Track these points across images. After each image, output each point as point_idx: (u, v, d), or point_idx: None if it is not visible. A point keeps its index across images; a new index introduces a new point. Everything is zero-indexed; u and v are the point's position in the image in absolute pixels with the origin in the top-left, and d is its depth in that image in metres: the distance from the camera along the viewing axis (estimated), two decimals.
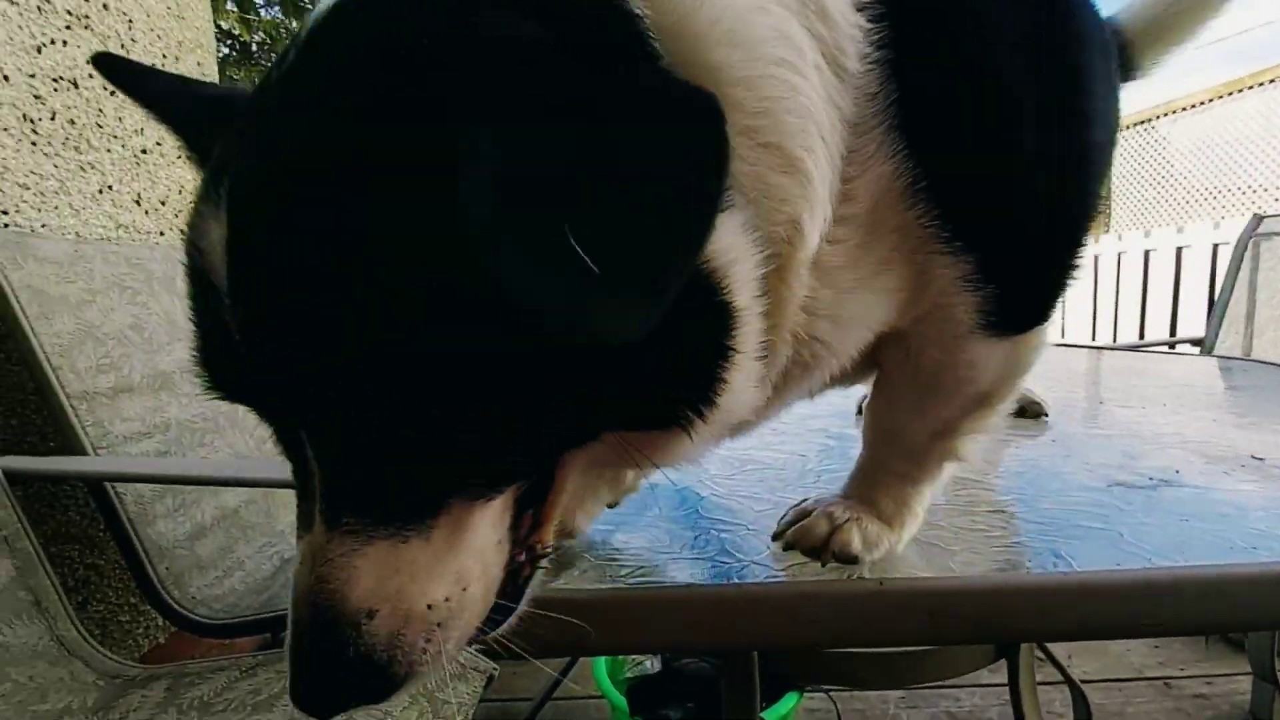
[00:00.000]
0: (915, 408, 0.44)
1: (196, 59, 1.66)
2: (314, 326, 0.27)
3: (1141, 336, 3.74)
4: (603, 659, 1.22)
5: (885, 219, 0.36)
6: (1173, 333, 3.47)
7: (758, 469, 0.64)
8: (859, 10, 0.33)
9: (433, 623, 0.31)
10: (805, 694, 1.33)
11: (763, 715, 0.95)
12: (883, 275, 0.37)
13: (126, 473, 1.07)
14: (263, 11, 8.10)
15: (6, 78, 1.16)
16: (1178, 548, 0.43)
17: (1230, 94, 4.78)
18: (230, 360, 0.30)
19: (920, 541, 0.46)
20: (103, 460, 1.08)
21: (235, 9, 7.34)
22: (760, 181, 0.31)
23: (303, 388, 0.28)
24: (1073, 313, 4.29)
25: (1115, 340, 3.87)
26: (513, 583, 0.36)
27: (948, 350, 0.41)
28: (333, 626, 0.30)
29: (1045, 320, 0.43)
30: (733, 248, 0.30)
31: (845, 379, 0.47)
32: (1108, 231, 4.83)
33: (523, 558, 0.36)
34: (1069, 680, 1.33)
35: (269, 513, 1.43)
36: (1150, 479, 0.59)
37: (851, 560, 0.41)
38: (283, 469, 0.34)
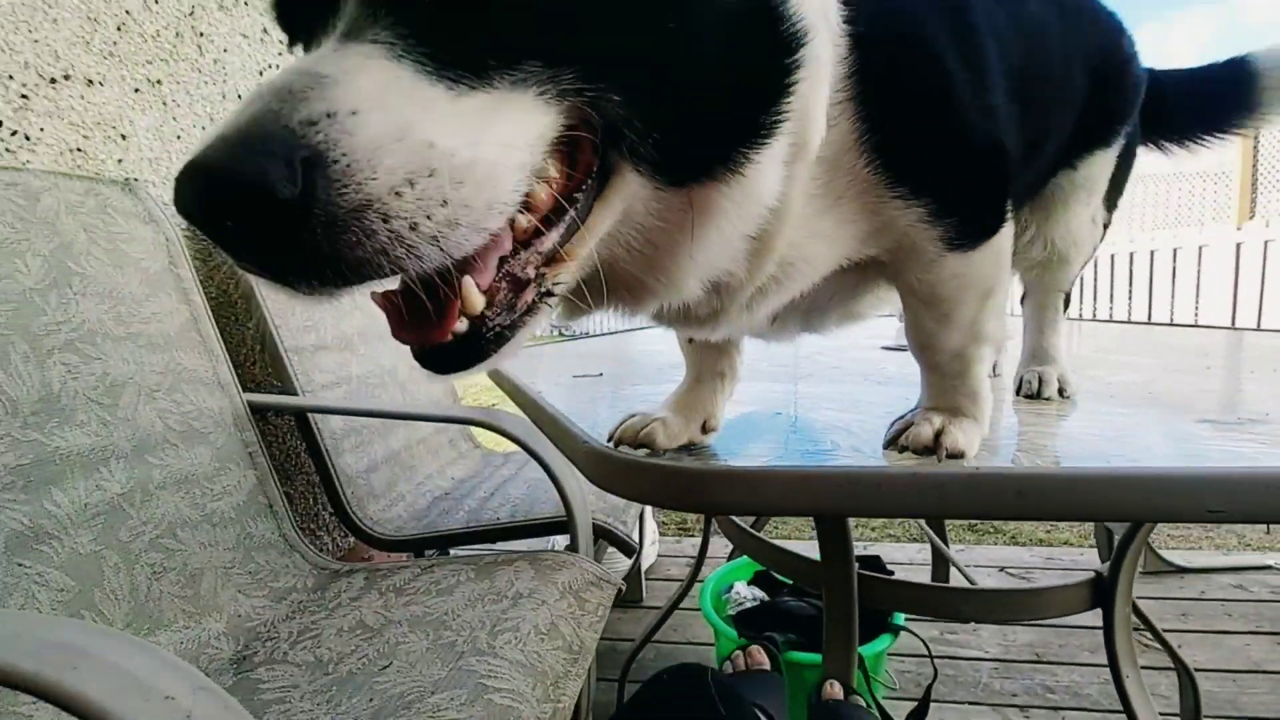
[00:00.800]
0: (935, 319, 0.53)
1: None
2: None
3: None
4: (709, 594, 1.35)
5: (844, 164, 0.45)
6: None
7: (865, 404, 0.75)
8: (841, 14, 0.44)
9: (439, 173, 0.27)
10: (901, 652, 1.41)
11: (859, 652, 1.05)
12: (841, 207, 0.47)
13: (329, 407, 1.32)
14: None
15: (241, 96, 1.46)
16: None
17: None
18: None
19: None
20: (311, 399, 1.34)
21: None
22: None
23: None
24: (1208, 299, 3.96)
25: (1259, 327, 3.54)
26: (513, 294, 0.35)
27: (930, 270, 0.50)
28: (280, 118, 0.25)
29: (999, 228, 0.51)
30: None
31: (843, 307, 0.58)
32: (1253, 218, 4.38)
33: (531, 273, 0.35)
34: (1177, 661, 1.32)
35: (422, 456, 1.68)
36: (1239, 419, 0.65)
37: (959, 455, 0.47)
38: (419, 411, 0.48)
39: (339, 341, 1.51)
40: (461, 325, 0.33)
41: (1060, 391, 0.71)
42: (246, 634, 0.97)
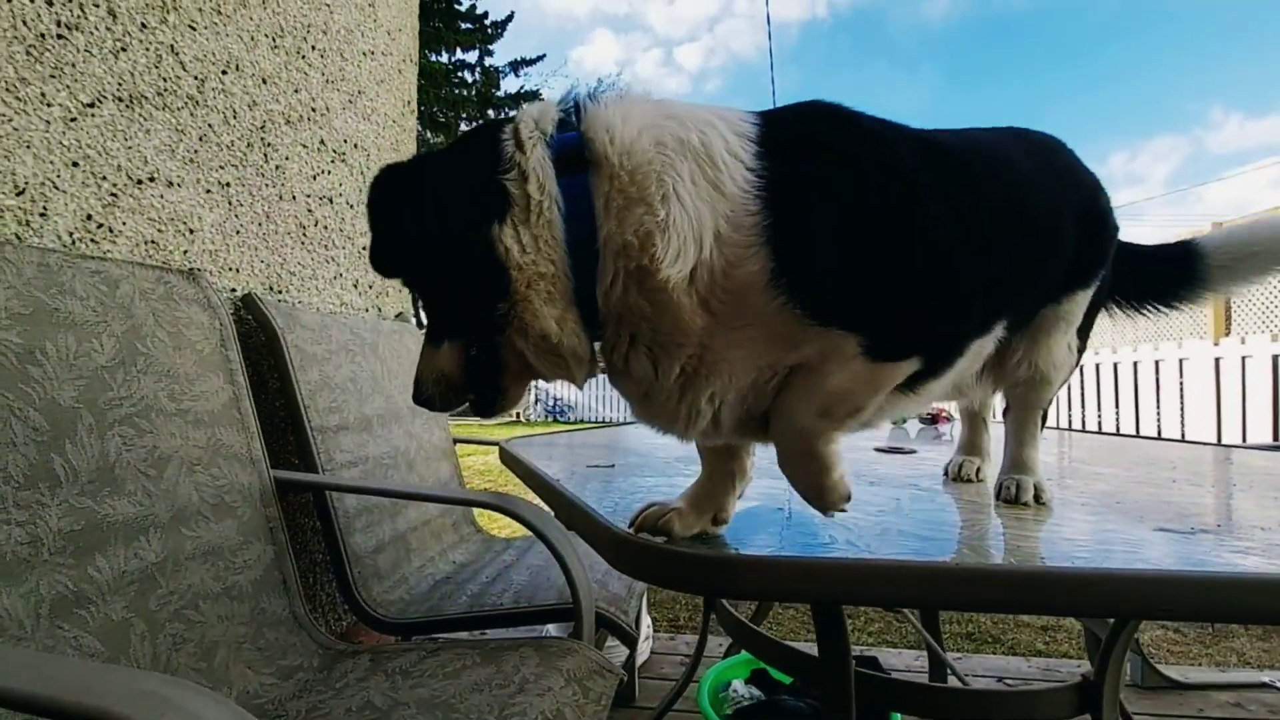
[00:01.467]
0: (802, 397, 0.59)
1: None
2: None
3: (1276, 438, 3.50)
4: (706, 691, 1.35)
5: (753, 297, 0.55)
6: None
7: (858, 503, 0.83)
8: (750, 170, 0.55)
9: (444, 378, 0.62)
10: None
11: None
12: (751, 329, 0.56)
13: (353, 485, 1.38)
14: None
15: (294, 197, 1.62)
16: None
17: None
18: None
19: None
20: (330, 477, 1.40)
21: None
22: (623, 210, 0.54)
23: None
24: (1194, 414, 4.07)
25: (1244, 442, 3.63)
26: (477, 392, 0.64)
27: (845, 367, 0.57)
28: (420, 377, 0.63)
29: (908, 355, 0.58)
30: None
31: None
32: (1228, 334, 4.59)
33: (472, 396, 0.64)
34: None
35: (426, 539, 1.71)
36: (1192, 529, 0.72)
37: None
38: (435, 492, 0.58)
39: (360, 423, 1.59)
40: None
41: (1036, 498, 0.79)
42: (255, 710, 0.98)
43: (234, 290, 1.45)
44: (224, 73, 1.42)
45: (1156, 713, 1.76)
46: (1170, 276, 0.91)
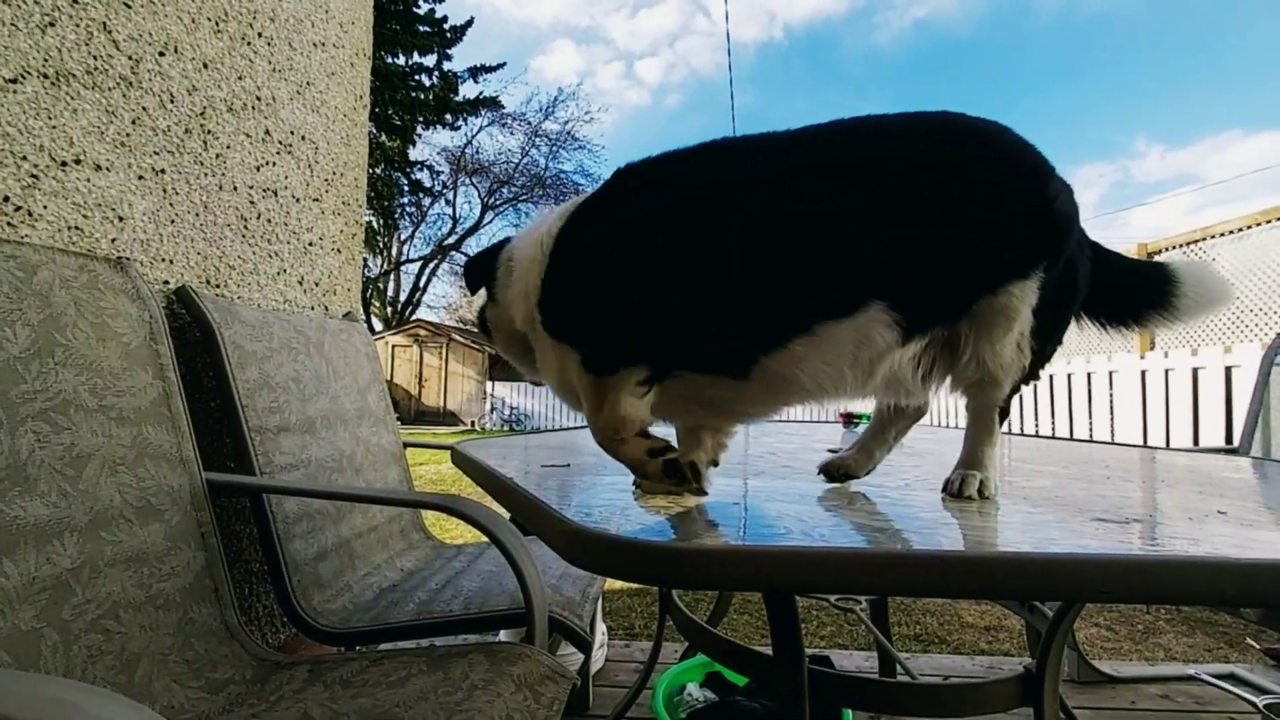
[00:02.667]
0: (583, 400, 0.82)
1: (355, 174, 2.09)
2: None
3: (1195, 442, 3.74)
4: (661, 695, 1.34)
5: (537, 324, 0.79)
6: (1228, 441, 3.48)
7: (811, 498, 0.83)
8: (549, 242, 0.79)
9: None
10: None
11: None
12: (546, 344, 0.80)
13: (292, 488, 1.31)
14: None
15: (236, 188, 1.55)
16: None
17: (1271, 220, 4.92)
18: None
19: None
20: (267, 479, 1.33)
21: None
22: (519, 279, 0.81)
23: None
24: (1123, 421, 4.31)
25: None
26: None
27: (579, 379, 0.79)
28: None
29: (613, 369, 0.76)
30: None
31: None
32: (1152, 348, 4.88)
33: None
34: None
35: (372, 546, 1.65)
36: (1125, 518, 0.75)
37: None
38: (380, 493, 0.57)
39: (302, 424, 1.52)
40: None
41: (980, 492, 0.81)
42: None
43: (167, 282, 1.37)
44: (161, 54, 1.35)
45: (1091, 705, 1.83)
46: (1148, 296, 0.90)
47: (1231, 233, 5.22)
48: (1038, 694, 0.95)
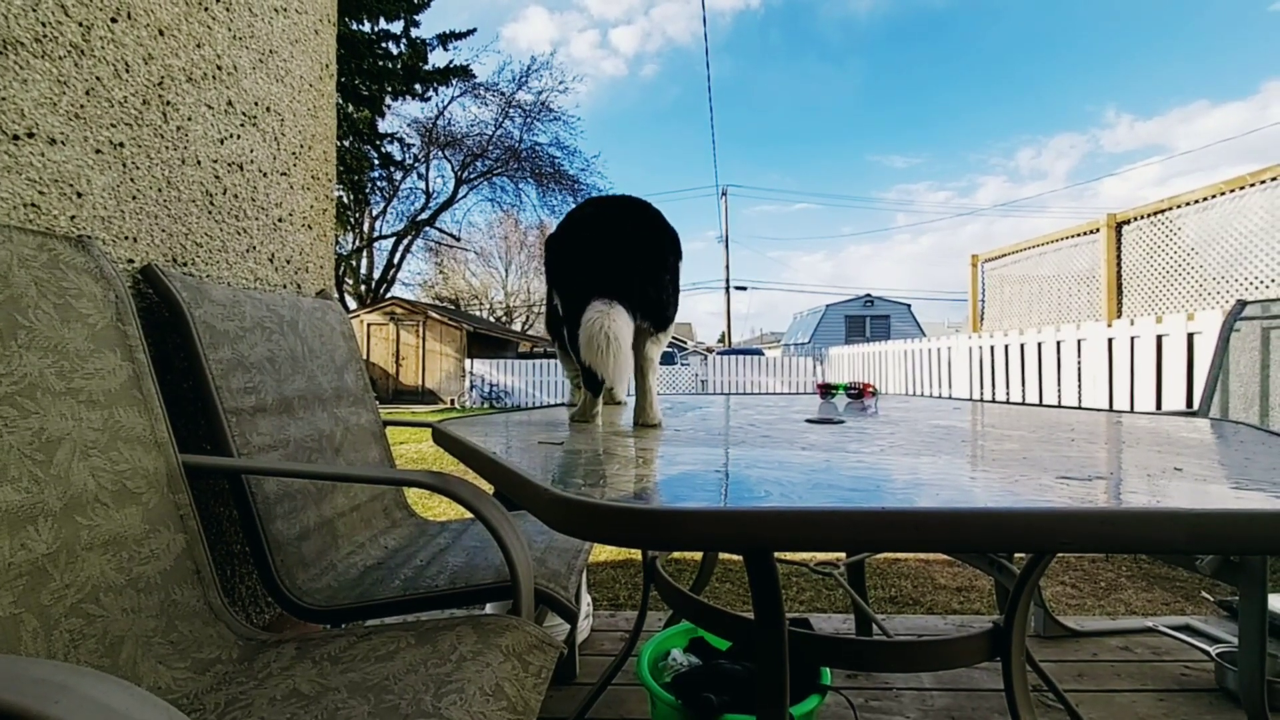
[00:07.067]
0: None
1: (324, 148, 2.03)
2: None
3: (1159, 406, 3.87)
4: (646, 660, 1.37)
5: None
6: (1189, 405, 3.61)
7: (790, 465, 0.85)
8: None
9: None
10: (825, 700, 1.46)
11: (790, 711, 1.10)
12: None
13: (271, 468, 1.30)
14: None
15: (199, 162, 1.50)
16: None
17: (1234, 190, 5.04)
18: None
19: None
20: (246, 460, 1.32)
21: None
22: None
23: None
24: (1091, 387, 4.44)
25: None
26: None
27: None
28: None
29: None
30: None
31: None
32: (1120, 317, 5.01)
33: None
34: (1074, 716, 1.44)
35: (356, 524, 1.64)
36: (1089, 476, 0.79)
37: None
38: (361, 472, 0.57)
39: (279, 404, 1.50)
40: None
41: None
42: None
43: (131, 261, 1.33)
44: (113, 20, 1.29)
45: (1057, 659, 1.92)
46: None
47: (1197, 202, 5.35)
48: (1006, 647, 1.00)
